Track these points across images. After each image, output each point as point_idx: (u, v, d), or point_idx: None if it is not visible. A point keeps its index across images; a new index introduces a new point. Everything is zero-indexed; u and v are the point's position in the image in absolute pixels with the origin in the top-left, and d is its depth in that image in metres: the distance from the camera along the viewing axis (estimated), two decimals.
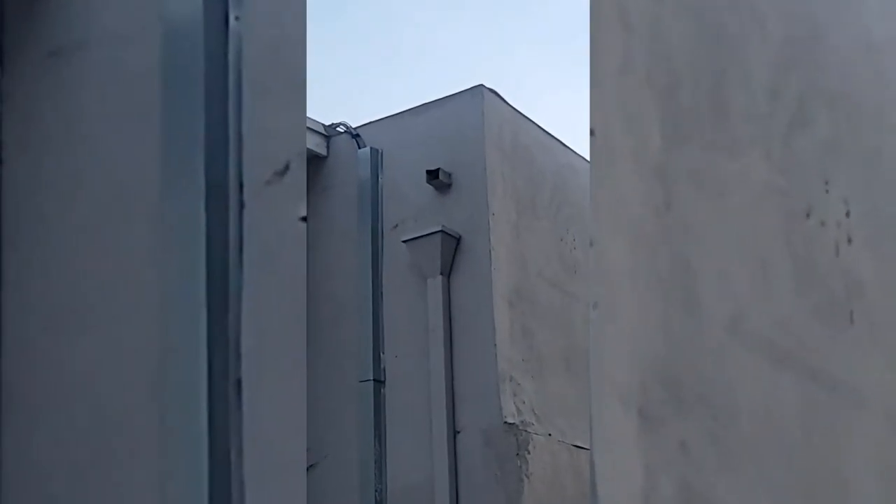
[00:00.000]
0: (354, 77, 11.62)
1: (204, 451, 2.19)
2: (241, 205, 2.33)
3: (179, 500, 2.20)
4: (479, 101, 5.66)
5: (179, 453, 2.21)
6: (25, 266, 2.42)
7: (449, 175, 5.66)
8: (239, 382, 2.27)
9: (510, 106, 5.84)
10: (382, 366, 5.66)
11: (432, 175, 5.63)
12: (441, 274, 5.54)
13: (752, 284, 2.33)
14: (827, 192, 2.46)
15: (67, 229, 2.41)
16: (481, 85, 5.69)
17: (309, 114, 5.85)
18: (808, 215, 2.43)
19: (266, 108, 2.41)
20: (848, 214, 2.48)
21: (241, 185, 2.33)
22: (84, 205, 2.40)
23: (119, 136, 2.40)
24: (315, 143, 5.87)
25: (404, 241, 5.69)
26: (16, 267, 2.43)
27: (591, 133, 2.11)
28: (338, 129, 5.98)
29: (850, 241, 2.48)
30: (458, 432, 5.41)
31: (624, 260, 2.11)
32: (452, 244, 5.56)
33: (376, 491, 5.47)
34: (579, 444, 5.64)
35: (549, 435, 5.52)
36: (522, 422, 5.39)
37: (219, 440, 2.21)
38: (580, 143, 6.30)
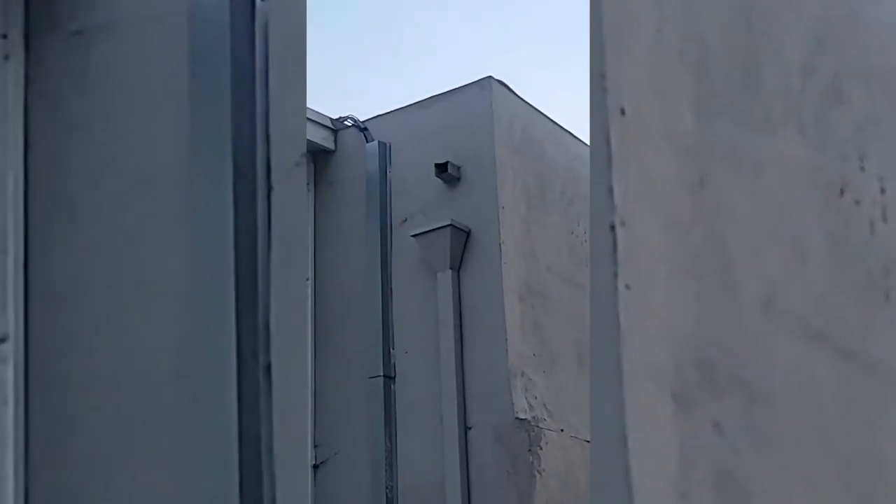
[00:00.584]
0: (361, 71, 11.59)
1: (234, 435, 2.17)
2: (269, 188, 2.31)
3: (210, 485, 2.17)
4: (487, 93, 5.61)
5: (209, 438, 2.19)
6: (52, 250, 2.39)
7: (458, 168, 5.62)
8: (268, 366, 2.24)
9: (520, 98, 5.79)
10: (392, 362, 5.62)
11: (441, 168, 5.58)
12: (451, 268, 5.50)
13: (787, 263, 2.31)
14: (862, 169, 2.44)
15: (95, 212, 2.38)
16: (490, 77, 5.63)
17: (316, 108, 5.84)
18: (842, 192, 2.40)
19: (290, 90, 2.39)
20: (883, 192, 2.46)
21: (268, 168, 2.31)
22: (111, 187, 2.37)
23: (146, 116, 2.37)
24: (322, 137, 5.83)
25: (413, 236, 5.64)
26: (43, 250, 2.39)
27: (622, 112, 2.08)
28: (345, 122, 5.94)
29: (885, 218, 2.45)
30: (470, 428, 5.37)
31: (656, 240, 2.08)
32: (462, 238, 5.52)
33: (387, 488, 5.44)
34: None
35: (562, 430, 5.49)
36: (534, 417, 5.35)
37: (248, 424, 2.19)
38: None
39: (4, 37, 2.40)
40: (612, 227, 1.99)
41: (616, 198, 2.00)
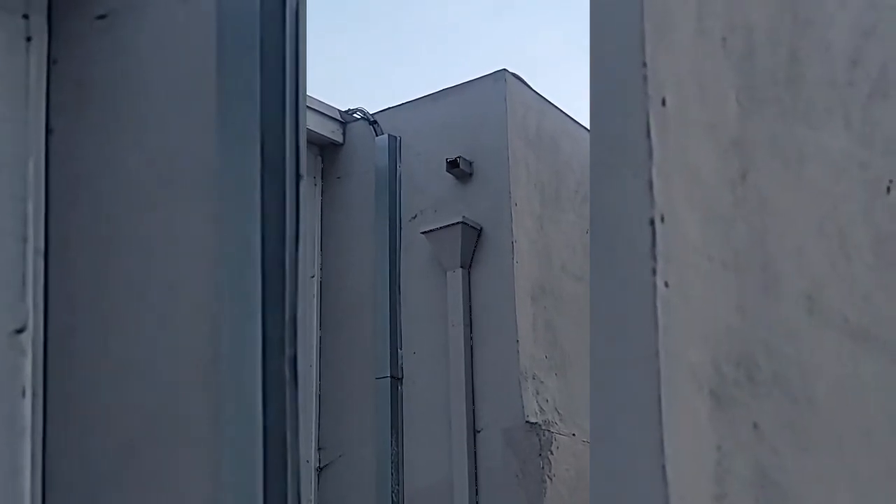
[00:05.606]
0: (372, 62, 11.54)
1: (259, 428, 2.12)
2: (298, 176, 2.25)
3: (233, 482, 2.12)
4: (501, 87, 5.51)
5: (234, 431, 2.14)
6: (74, 238, 2.33)
7: (470, 164, 5.53)
8: (294, 359, 2.19)
9: (534, 91, 5.70)
10: (400, 362, 5.54)
11: (452, 164, 5.49)
12: (461, 267, 5.42)
13: (830, 260, 2.26)
14: None
15: (118, 199, 2.32)
16: (504, 69, 5.53)
17: (325, 99, 5.78)
18: (888, 189, 2.36)
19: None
20: None
21: (297, 156, 2.26)
22: (135, 173, 2.31)
23: (172, 102, 2.31)
24: (331, 130, 5.76)
25: (423, 233, 5.55)
26: (64, 239, 2.33)
27: (663, 103, 2.02)
28: (354, 115, 5.86)
29: None
30: (479, 431, 5.30)
31: (697, 235, 2.03)
32: (473, 236, 5.45)
33: (393, 491, 5.37)
34: None
35: (573, 435, 5.42)
36: (545, 421, 5.28)
37: (274, 417, 2.14)
38: None
39: (26, 17, 2.34)
40: (652, 222, 1.93)
41: (656, 192, 1.94)
